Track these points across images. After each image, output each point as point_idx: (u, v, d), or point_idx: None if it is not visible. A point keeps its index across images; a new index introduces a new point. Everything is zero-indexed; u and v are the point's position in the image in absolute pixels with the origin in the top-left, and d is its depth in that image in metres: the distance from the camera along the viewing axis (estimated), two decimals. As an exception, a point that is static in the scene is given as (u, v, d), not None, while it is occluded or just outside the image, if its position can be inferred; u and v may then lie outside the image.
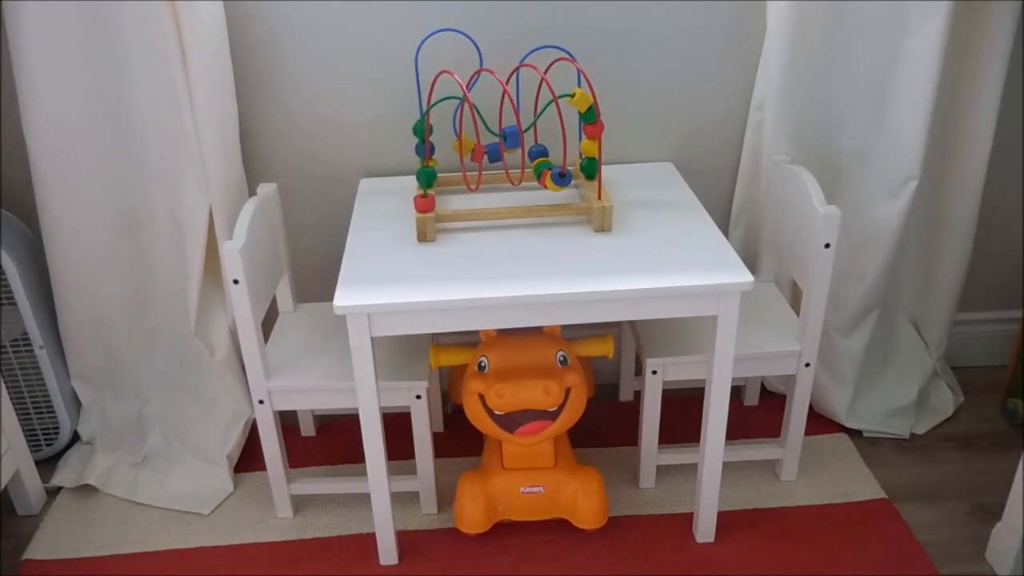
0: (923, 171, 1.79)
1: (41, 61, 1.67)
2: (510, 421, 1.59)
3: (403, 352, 1.74)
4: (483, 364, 1.60)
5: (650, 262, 1.49)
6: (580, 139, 1.71)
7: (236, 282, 1.54)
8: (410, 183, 1.80)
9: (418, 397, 1.67)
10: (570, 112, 1.73)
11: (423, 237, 1.60)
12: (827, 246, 1.60)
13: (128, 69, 1.72)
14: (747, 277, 1.44)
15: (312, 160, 1.91)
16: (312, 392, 1.69)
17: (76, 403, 2.03)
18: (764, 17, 1.78)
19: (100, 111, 1.75)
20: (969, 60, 1.79)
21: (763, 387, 2.14)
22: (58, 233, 1.83)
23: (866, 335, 1.95)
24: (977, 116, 1.83)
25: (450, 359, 1.66)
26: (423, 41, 1.74)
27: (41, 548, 1.77)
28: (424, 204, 1.60)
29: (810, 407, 1.82)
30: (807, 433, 1.85)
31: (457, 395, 2.00)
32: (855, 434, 2.02)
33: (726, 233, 2.00)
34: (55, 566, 1.73)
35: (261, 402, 1.68)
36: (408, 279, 1.46)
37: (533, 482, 1.69)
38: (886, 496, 1.83)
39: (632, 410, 2.11)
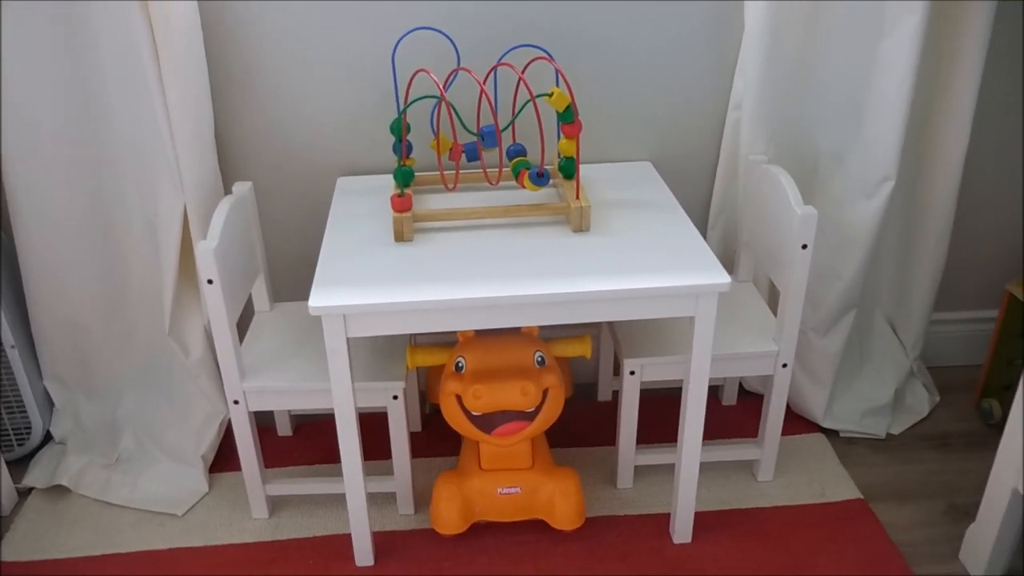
0: (899, 172, 1.79)
1: (13, 60, 1.65)
2: (487, 422, 1.58)
3: (380, 352, 1.73)
4: (460, 365, 1.59)
5: (628, 263, 1.49)
6: (558, 138, 1.71)
7: (210, 282, 1.53)
8: (387, 182, 1.79)
9: (395, 398, 1.66)
10: (548, 111, 1.72)
11: (400, 237, 1.59)
12: (804, 247, 1.61)
13: (101, 68, 1.70)
14: (724, 278, 1.44)
15: (288, 158, 1.90)
16: (287, 393, 1.68)
17: (49, 403, 2.00)
18: (742, 17, 1.78)
19: (73, 110, 1.73)
20: (945, 61, 1.80)
21: (741, 387, 2.14)
22: (30, 232, 1.81)
23: (843, 335, 1.96)
24: (953, 117, 1.84)
25: (427, 360, 1.65)
26: (400, 39, 1.73)
27: (12, 549, 1.75)
28: (401, 204, 1.58)
29: (787, 407, 1.83)
30: (784, 433, 1.85)
31: (435, 395, 1.99)
32: (832, 434, 2.03)
33: (704, 233, 2.01)
34: (26, 568, 1.71)
35: (236, 403, 1.66)
36: (385, 279, 1.45)
37: (510, 483, 1.68)
38: (862, 496, 1.84)
39: (610, 410, 2.11)
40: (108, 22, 1.65)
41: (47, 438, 2.01)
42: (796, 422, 2.05)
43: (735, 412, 2.11)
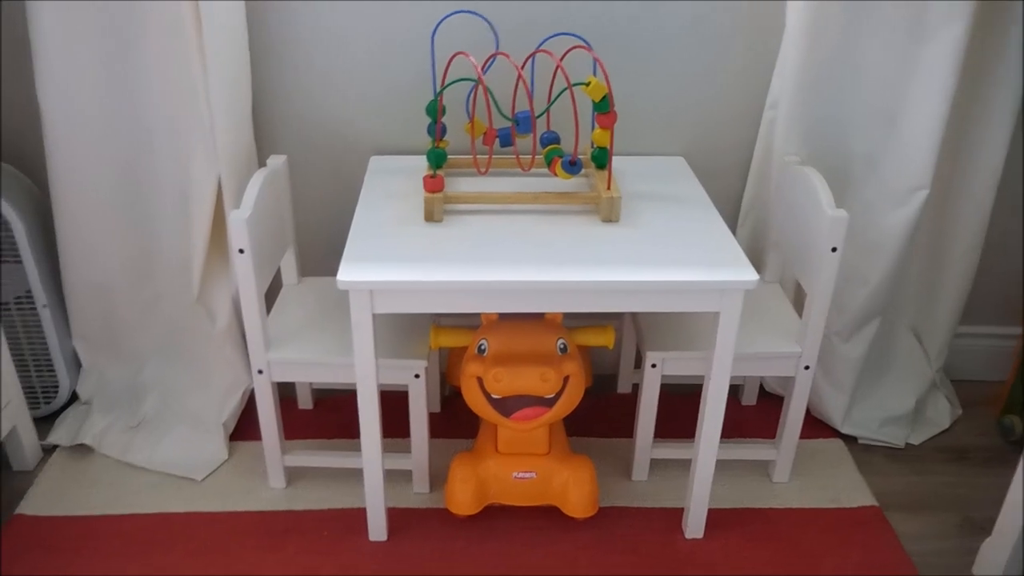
0: (934, 181, 1.78)
1: (56, 27, 1.67)
2: (506, 406, 1.59)
3: (403, 331, 1.75)
4: (483, 347, 1.60)
5: (655, 255, 1.49)
6: (592, 128, 1.71)
7: (241, 252, 1.54)
8: (420, 163, 1.80)
9: (416, 376, 1.68)
10: (584, 101, 1.72)
11: (430, 217, 1.60)
12: (834, 250, 1.60)
13: (142, 35, 1.71)
14: (752, 275, 1.44)
15: (323, 135, 1.91)
16: (311, 365, 1.70)
17: (76, 363, 2.03)
18: (783, 17, 1.78)
19: (113, 76, 1.74)
20: (986, 71, 1.78)
21: (761, 388, 2.14)
22: (66, 194, 1.84)
23: (866, 341, 1.95)
24: (991, 128, 1.82)
25: (450, 341, 1.66)
26: (440, 21, 1.74)
27: (34, 504, 1.78)
28: (433, 184, 1.59)
29: (807, 410, 1.82)
30: (802, 436, 1.84)
31: (455, 377, 2.01)
32: (850, 440, 2.02)
33: (734, 230, 2.00)
34: (46, 522, 1.74)
35: (260, 372, 1.68)
36: (413, 258, 1.46)
37: (526, 468, 1.69)
38: (876, 504, 1.83)
39: (629, 402, 2.11)
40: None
41: (73, 397, 2.05)
42: (815, 426, 2.04)
43: (754, 412, 2.10)
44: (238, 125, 1.78)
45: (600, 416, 2.06)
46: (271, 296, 1.82)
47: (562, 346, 1.61)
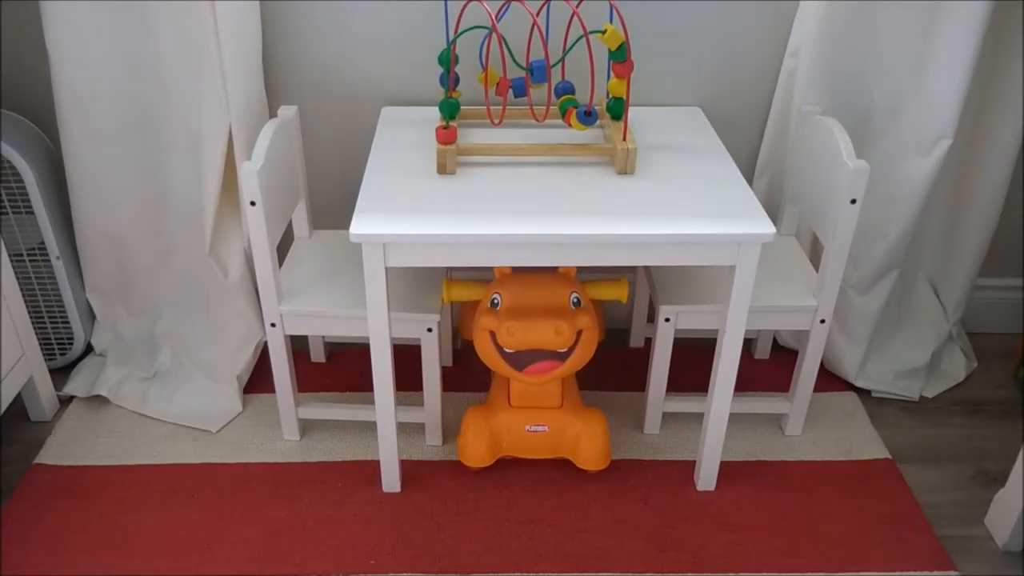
0: (957, 131, 1.74)
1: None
2: (519, 359, 1.59)
3: (416, 284, 1.74)
4: (496, 301, 1.60)
5: (671, 207, 1.47)
6: (608, 78, 1.67)
7: (253, 204, 1.53)
8: (432, 114, 1.77)
9: (429, 330, 1.67)
10: (600, 50, 1.69)
11: (443, 170, 1.58)
12: (853, 202, 1.58)
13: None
14: (769, 228, 1.42)
15: (335, 85, 1.88)
16: (324, 318, 1.69)
17: (91, 315, 2.04)
18: (806, -39, 1.73)
19: (121, 24, 1.72)
20: (1013, 20, 1.73)
21: (775, 341, 2.13)
22: (76, 144, 1.82)
23: (883, 295, 1.93)
24: (1019, 78, 1.77)
25: (463, 294, 1.66)
26: (453, -33, 1.70)
27: (51, 454, 1.81)
28: (446, 136, 1.57)
29: (821, 363, 1.81)
30: (816, 389, 1.84)
31: (467, 331, 2.00)
32: (864, 393, 2.02)
33: (751, 182, 1.97)
34: (63, 472, 1.76)
35: (273, 325, 1.68)
36: (426, 211, 1.45)
37: (538, 421, 1.70)
38: (889, 456, 1.83)
39: (641, 356, 2.11)
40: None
41: (88, 349, 2.06)
42: (828, 379, 2.03)
43: (767, 366, 2.10)
44: (249, 74, 1.75)
45: (612, 370, 2.06)
46: (283, 249, 1.81)
47: (575, 300, 1.60)
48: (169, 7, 1.69)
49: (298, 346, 1.97)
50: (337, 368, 2.07)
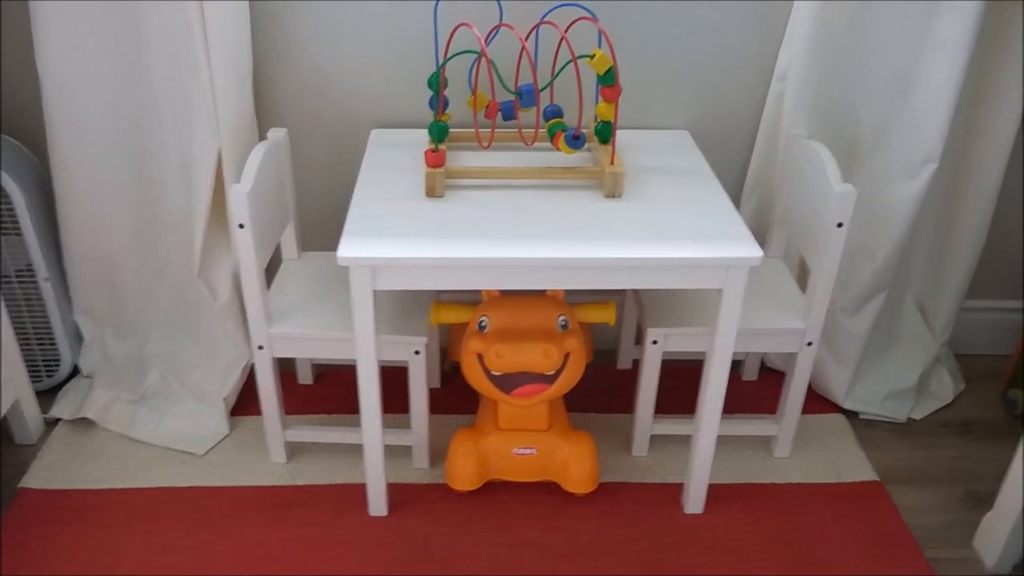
0: (943, 154, 1.75)
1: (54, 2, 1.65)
2: (507, 382, 1.59)
3: (404, 307, 1.74)
4: (483, 324, 1.60)
5: (659, 231, 1.48)
6: (597, 101, 1.68)
7: (242, 226, 1.53)
8: (421, 136, 1.78)
9: (417, 353, 1.67)
10: (588, 73, 1.70)
11: (432, 192, 1.58)
12: (840, 225, 1.58)
13: (142, 6, 1.69)
14: (756, 252, 1.43)
15: (324, 108, 1.89)
16: (312, 341, 1.69)
17: (78, 336, 2.03)
18: (792, -13, 1.75)
19: (113, 46, 1.72)
20: (998, 44, 1.75)
21: (762, 363, 2.13)
22: (67, 166, 1.82)
23: (871, 316, 1.94)
24: (1003, 102, 1.79)
25: (451, 317, 1.66)
26: (442, -8, 1.71)
27: (37, 477, 1.79)
28: (435, 159, 1.58)
29: (808, 386, 1.82)
30: (804, 411, 1.84)
31: (456, 353, 2.00)
32: (852, 415, 2.02)
33: (738, 205, 1.98)
34: (50, 496, 1.75)
35: (261, 348, 1.68)
36: (414, 234, 1.45)
37: (526, 444, 1.69)
38: (878, 479, 1.83)
39: (630, 378, 2.10)
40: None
41: (75, 371, 2.05)
42: (816, 401, 2.04)
43: (755, 388, 2.10)
44: (239, 97, 1.76)
45: (600, 391, 2.06)
46: (271, 271, 1.81)
47: (563, 323, 1.60)
48: (160, 31, 1.70)
49: (285, 367, 1.97)
50: (325, 390, 2.06)
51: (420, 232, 1.46)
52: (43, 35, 1.68)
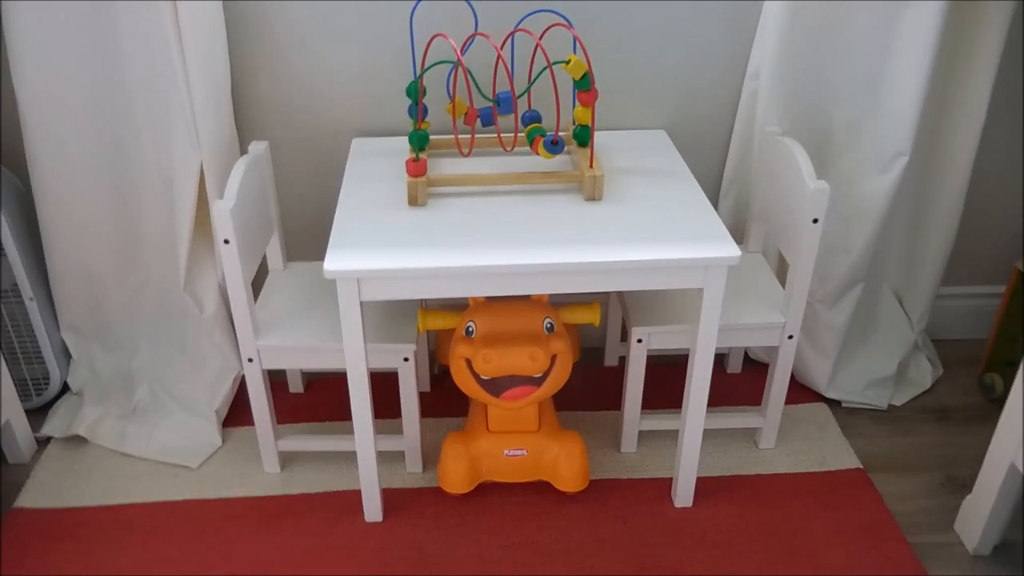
0: (914, 146, 1.79)
1: (31, 11, 1.65)
2: (496, 386, 1.61)
3: (392, 314, 1.76)
4: (471, 329, 1.62)
5: (639, 233, 1.50)
6: (574, 105, 1.71)
7: (227, 242, 1.55)
8: (402, 144, 1.80)
9: (405, 360, 1.69)
10: (564, 78, 1.72)
11: (414, 201, 1.60)
12: (815, 221, 1.62)
13: (118, 20, 1.70)
14: (734, 251, 1.46)
15: (304, 118, 1.90)
16: (301, 352, 1.71)
17: (66, 354, 2.04)
18: (762, -13, 1.78)
19: (92, 61, 1.73)
20: (965, 39, 1.78)
21: (746, 355, 2.17)
22: (48, 184, 1.83)
23: (850, 307, 1.97)
24: (971, 95, 1.83)
25: (438, 323, 1.68)
26: (416, 4, 1.72)
27: (31, 497, 1.80)
28: (416, 168, 1.59)
29: (791, 376, 1.85)
30: (787, 402, 1.88)
31: (444, 356, 2.02)
32: (834, 404, 2.06)
33: (716, 202, 2.02)
34: (44, 515, 1.76)
35: (250, 360, 1.70)
36: (399, 244, 1.47)
37: (517, 445, 1.72)
38: (861, 466, 1.87)
39: (616, 375, 2.14)
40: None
41: (64, 388, 2.05)
42: (799, 391, 2.07)
43: (740, 380, 2.14)
44: (218, 111, 1.77)
45: (588, 389, 2.09)
46: (258, 282, 1.83)
47: (549, 325, 1.63)
48: (137, 46, 1.71)
49: (275, 376, 1.98)
50: (316, 397, 2.08)
51: (404, 242, 1.48)
52: (18, 54, 1.69)
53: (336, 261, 1.42)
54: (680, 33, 1.86)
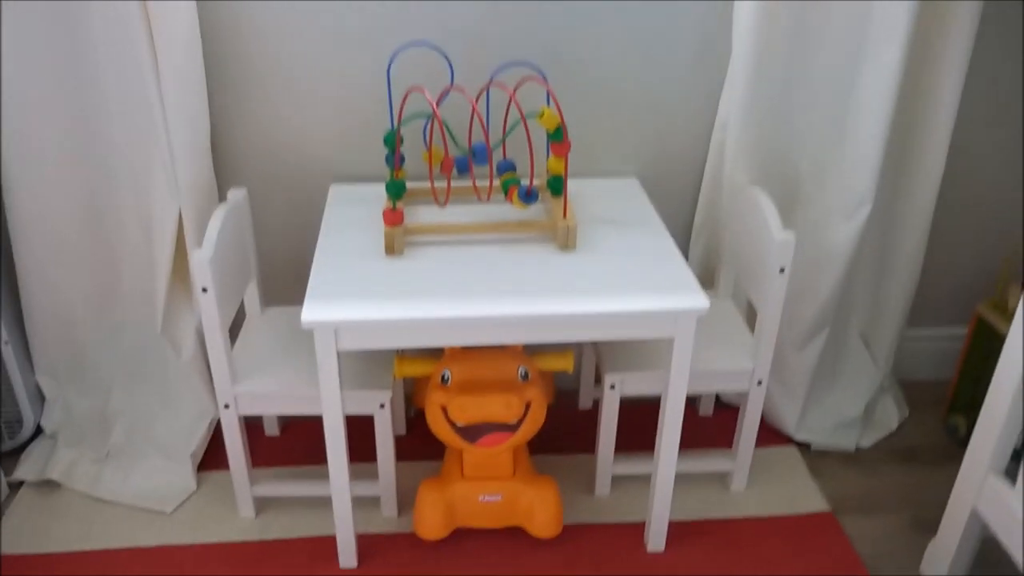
0: (878, 193, 1.85)
1: (12, 59, 1.67)
2: (471, 433, 1.63)
3: (368, 361, 1.78)
4: (446, 377, 1.64)
5: (611, 283, 1.54)
6: (548, 154, 1.75)
7: (205, 291, 1.56)
8: (380, 191, 1.82)
9: (382, 406, 1.71)
10: (538, 128, 1.77)
11: (391, 251, 1.63)
12: (782, 271, 1.66)
13: (99, 68, 1.72)
14: (703, 302, 1.50)
15: (282, 164, 1.93)
16: (277, 398, 1.72)
17: (40, 397, 2.04)
18: (729, 43, 1.83)
19: (71, 109, 1.75)
20: (924, 89, 1.85)
21: (717, 398, 2.20)
22: (25, 229, 1.84)
23: (817, 350, 2.02)
24: (929, 146, 1.90)
25: (414, 370, 1.70)
26: (394, 56, 1.76)
27: (3, 542, 1.79)
28: (393, 218, 1.62)
29: (761, 418, 1.89)
30: (758, 444, 1.91)
31: (420, 399, 2.03)
32: (803, 447, 2.10)
33: (687, 247, 2.06)
34: (16, 561, 1.75)
35: (227, 407, 1.71)
36: (375, 294, 1.49)
37: (492, 491, 1.74)
38: (829, 509, 1.91)
39: (591, 417, 2.17)
40: (107, 23, 1.67)
41: (38, 431, 2.05)
42: (769, 433, 2.11)
43: (711, 423, 2.17)
44: (197, 159, 1.79)
45: (562, 432, 2.11)
46: (235, 326, 1.84)
47: (523, 373, 1.66)
48: (118, 92, 1.73)
49: (251, 419, 1.98)
50: (291, 440, 2.09)
51: (381, 292, 1.50)
52: (1, 102, 1.70)
53: (314, 311, 1.45)
54: (652, 85, 1.91)
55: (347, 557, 1.73)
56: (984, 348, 2.01)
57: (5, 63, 1.67)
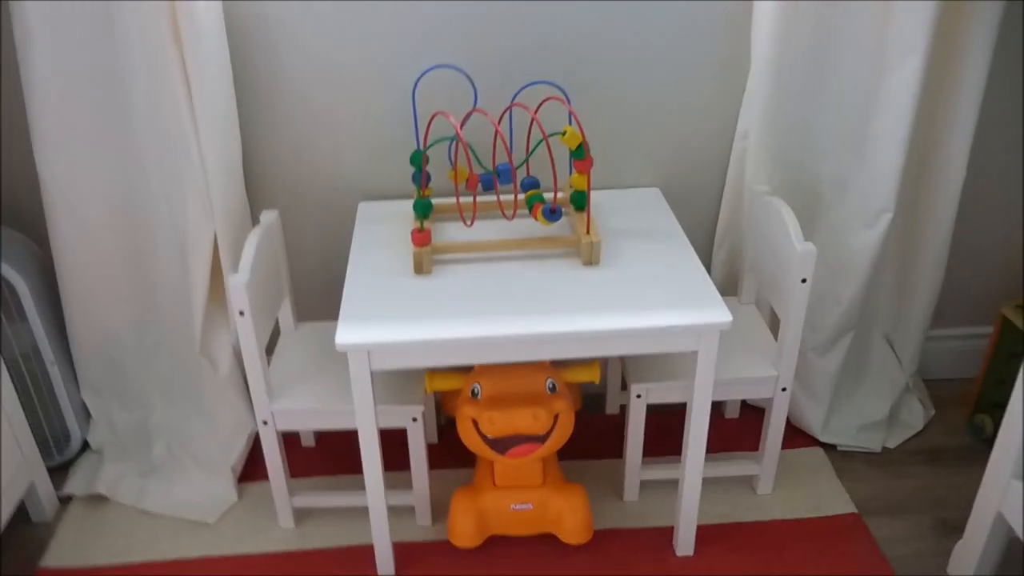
0: (899, 199, 1.87)
1: (48, 85, 1.73)
2: (501, 444, 1.68)
3: (400, 375, 1.82)
4: (476, 391, 1.69)
5: (635, 299, 1.58)
6: (571, 170, 1.78)
7: (242, 314, 1.62)
8: (407, 207, 1.86)
9: (414, 420, 1.76)
10: (561, 146, 1.80)
11: (419, 270, 1.68)
12: (803, 281, 1.69)
13: (133, 98, 1.77)
14: (726, 317, 1.53)
15: (312, 184, 1.98)
16: (313, 414, 1.78)
17: (86, 414, 2.11)
18: (749, 53, 1.85)
19: (107, 140, 1.81)
20: (944, 98, 1.86)
21: (743, 401, 2.23)
22: (67, 252, 1.90)
23: (841, 355, 2.04)
24: (951, 151, 1.91)
25: (444, 384, 1.74)
26: (419, 78, 1.80)
27: (55, 556, 1.86)
28: (420, 239, 1.67)
29: (787, 420, 1.91)
30: (783, 447, 1.93)
31: (450, 407, 2.09)
32: (829, 448, 2.12)
33: (710, 255, 2.09)
34: (69, 575, 1.82)
35: (265, 423, 1.76)
36: (406, 315, 1.54)
37: (522, 499, 1.78)
38: (856, 510, 1.93)
39: (618, 423, 2.20)
40: (140, 53, 1.71)
41: (85, 446, 2.12)
42: (795, 436, 2.14)
43: (737, 425, 2.20)
44: (231, 183, 1.85)
45: (590, 437, 2.15)
46: (270, 342, 1.89)
47: (551, 385, 1.70)
48: (152, 117, 1.78)
49: (288, 431, 2.04)
50: (327, 451, 2.15)
51: (412, 313, 1.55)
52: (39, 127, 1.76)
53: (347, 335, 1.50)
54: (673, 96, 1.94)
55: (384, 565, 1.79)
56: (1009, 348, 2.02)
57: (41, 94, 1.73)
